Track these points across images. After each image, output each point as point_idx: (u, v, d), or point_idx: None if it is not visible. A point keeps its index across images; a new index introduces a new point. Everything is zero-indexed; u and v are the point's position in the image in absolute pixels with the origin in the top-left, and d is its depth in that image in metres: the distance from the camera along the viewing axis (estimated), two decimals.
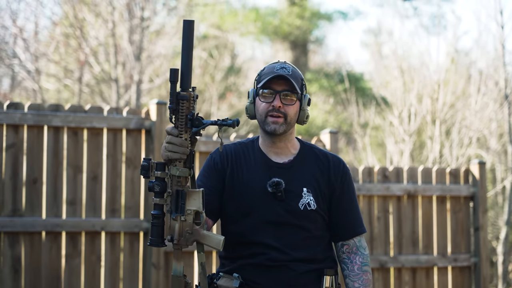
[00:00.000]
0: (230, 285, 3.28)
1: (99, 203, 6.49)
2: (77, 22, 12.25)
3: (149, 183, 3.00)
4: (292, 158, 3.39)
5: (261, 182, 3.31)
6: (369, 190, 7.44)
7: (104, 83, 12.86)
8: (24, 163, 6.30)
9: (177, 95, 2.94)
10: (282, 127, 3.29)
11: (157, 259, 6.55)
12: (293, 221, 3.29)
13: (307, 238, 3.31)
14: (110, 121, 6.55)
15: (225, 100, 15.91)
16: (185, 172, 2.98)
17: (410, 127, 11.34)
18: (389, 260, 7.45)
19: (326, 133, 7.38)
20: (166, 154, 2.96)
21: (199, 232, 3.04)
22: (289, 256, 3.27)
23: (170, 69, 2.93)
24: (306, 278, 3.30)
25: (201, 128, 2.97)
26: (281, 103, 3.27)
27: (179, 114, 2.94)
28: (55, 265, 6.31)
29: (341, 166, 3.42)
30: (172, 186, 2.99)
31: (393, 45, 13.19)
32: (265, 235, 3.27)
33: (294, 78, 3.30)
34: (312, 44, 20.62)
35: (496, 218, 11.67)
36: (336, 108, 17.50)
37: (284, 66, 3.32)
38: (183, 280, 3.06)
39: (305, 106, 3.35)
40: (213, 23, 17.53)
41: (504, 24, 10.86)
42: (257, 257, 3.27)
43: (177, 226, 3.01)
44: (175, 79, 2.93)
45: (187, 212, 3.01)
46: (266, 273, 3.26)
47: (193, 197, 3.02)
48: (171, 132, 2.96)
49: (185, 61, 2.96)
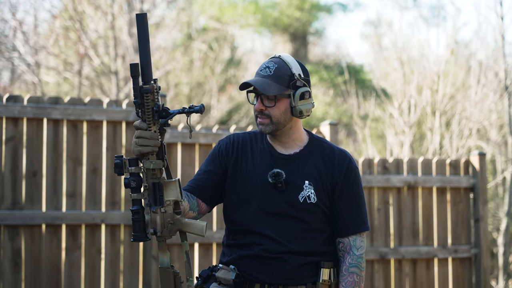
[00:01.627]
0: (227, 277, 3.30)
1: (99, 195, 6.49)
2: (77, 15, 12.25)
3: (124, 180, 3.02)
4: (298, 150, 3.38)
5: (264, 172, 3.32)
6: (369, 182, 7.44)
7: (104, 75, 12.86)
8: (23, 156, 6.30)
9: (141, 88, 2.94)
10: (268, 127, 3.30)
11: (157, 252, 6.55)
12: (292, 212, 3.29)
13: (304, 230, 3.30)
14: (110, 113, 6.55)
15: (225, 93, 15.90)
16: (159, 164, 3.00)
17: (410, 119, 11.33)
18: (389, 251, 7.45)
19: (326, 125, 7.37)
20: (137, 149, 2.97)
21: (180, 221, 3.07)
22: (285, 247, 3.27)
23: (130, 64, 2.93)
24: (302, 271, 3.29)
25: (168, 118, 2.97)
26: (263, 106, 3.28)
27: (145, 108, 2.95)
28: (55, 258, 6.31)
29: (346, 161, 3.39)
30: (148, 180, 3.02)
31: (392, 37, 13.17)
32: (263, 225, 3.28)
33: (276, 77, 3.28)
34: (312, 36, 20.61)
35: (496, 209, 11.67)
36: (336, 100, 17.50)
37: (268, 65, 3.31)
38: (170, 271, 3.10)
39: (297, 102, 3.32)
40: (212, 15, 17.52)
41: (503, 15, 10.85)
42: (254, 248, 3.28)
43: (159, 218, 3.05)
44: (136, 73, 2.94)
45: (166, 203, 3.04)
46: (263, 265, 3.27)
47: (170, 188, 3.04)
48: (140, 126, 2.96)
49: (144, 54, 2.96)
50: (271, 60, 3.34)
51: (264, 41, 20.79)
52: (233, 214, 3.35)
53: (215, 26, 17.15)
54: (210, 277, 3.37)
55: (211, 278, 3.37)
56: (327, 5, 20.68)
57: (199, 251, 6.76)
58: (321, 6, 20.25)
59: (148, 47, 2.96)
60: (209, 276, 3.37)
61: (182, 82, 15.08)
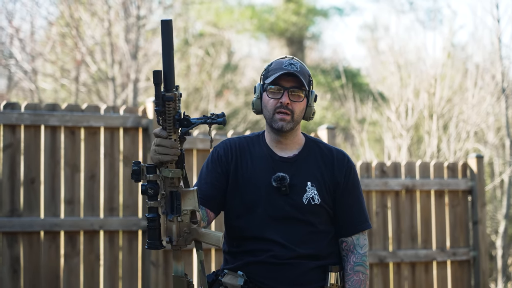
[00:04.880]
0: (234, 282, 3.27)
1: (97, 202, 6.49)
2: (73, 21, 12.24)
3: (141, 187, 2.96)
4: (297, 152, 3.37)
5: (266, 176, 3.30)
6: (367, 186, 7.44)
7: (101, 82, 12.85)
8: (21, 163, 6.29)
9: (163, 96, 2.88)
10: (289, 124, 3.28)
11: (156, 257, 6.55)
12: (298, 215, 3.27)
13: (311, 233, 3.29)
14: (107, 120, 6.55)
15: (222, 98, 15.90)
16: (178, 173, 2.95)
17: (407, 122, 11.33)
18: (388, 255, 7.45)
19: (323, 129, 7.38)
20: (157, 157, 2.92)
21: (197, 230, 3.02)
22: (294, 252, 3.25)
23: (153, 71, 2.87)
24: (311, 275, 3.28)
25: (190, 128, 2.93)
26: (289, 100, 3.26)
27: (166, 116, 2.89)
28: (54, 265, 6.30)
29: (345, 161, 3.40)
30: (166, 188, 2.96)
31: (389, 41, 13.19)
32: (270, 230, 3.26)
33: (302, 74, 3.28)
34: (309, 40, 20.61)
35: (494, 212, 11.67)
36: (333, 104, 17.49)
37: (292, 62, 3.30)
38: (185, 280, 3.05)
39: (312, 103, 3.35)
40: (209, 20, 17.52)
41: (500, 17, 10.87)
42: (262, 254, 3.26)
43: (175, 227, 3.00)
44: (159, 80, 2.88)
45: (184, 212, 2.99)
46: (271, 271, 3.24)
47: (188, 197, 2.99)
48: (160, 134, 2.91)
49: (167, 62, 2.91)
50: (289, 59, 3.33)
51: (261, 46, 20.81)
52: (238, 220, 3.32)
53: (211, 32, 17.16)
54: (215, 282, 3.35)
55: (216, 283, 3.35)
56: (324, 9, 20.67)
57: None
58: (318, 11, 20.25)
59: (172, 53, 2.90)
60: (213, 281, 3.35)
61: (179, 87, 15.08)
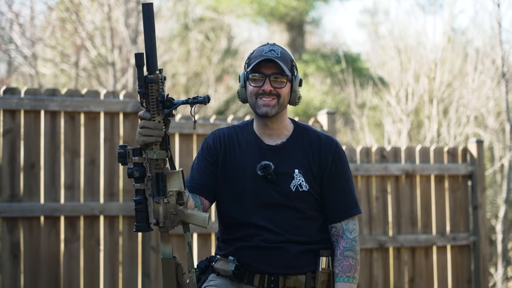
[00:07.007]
0: (226, 268, 3.31)
1: (97, 187, 6.49)
2: (73, 6, 12.22)
3: (128, 170, 3.01)
4: (285, 140, 3.39)
5: (253, 164, 3.34)
6: (367, 170, 7.44)
7: (101, 67, 12.84)
8: (21, 148, 6.29)
9: (145, 78, 2.92)
10: (274, 109, 3.30)
11: (156, 242, 6.56)
12: (286, 202, 3.30)
13: (300, 219, 3.32)
14: (107, 105, 6.54)
15: (222, 83, 15.88)
16: (163, 154, 2.99)
17: (407, 107, 11.33)
18: (388, 240, 7.46)
19: (323, 114, 7.37)
20: (141, 139, 2.96)
21: (183, 212, 3.06)
22: (283, 237, 3.28)
23: (135, 54, 2.91)
24: (302, 259, 3.30)
25: (173, 109, 2.96)
26: (272, 87, 3.28)
27: (149, 98, 2.93)
28: (54, 250, 6.32)
29: (333, 146, 3.41)
30: (151, 170, 3.00)
31: (389, 25, 13.16)
32: (258, 217, 3.29)
33: (283, 60, 3.30)
34: (309, 25, 20.55)
35: (494, 197, 11.68)
36: (333, 89, 17.47)
37: (272, 48, 3.32)
38: (173, 262, 3.09)
39: (296, 87, 3.36)
40: (209, 5, 17.47)
41: (500, 2, 10.81)
42: (252, 239, 3.29)
43: (161, 209, 3.03)
44: (141, 63, 2.92)
45: (169, 193, 3.03)
46: (262, 255, 3.27)
47: (173, 178, 3.03)
48: (144, 116, 2.95)
49: (149, 44, 2.94)
50: (270, 45, 3.35)
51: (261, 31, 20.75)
52: (227, 207, 3.36)
53: (211, 16, 17.11)
54: (208, 268, 3.38)
55: (209, 269, 3.38)
56: None
57: (198, 241, 6.76)
58: None
59: (153, 36, 2.94)
60: (207, 267, 3.38)
61: (179, 72, 15.06)
